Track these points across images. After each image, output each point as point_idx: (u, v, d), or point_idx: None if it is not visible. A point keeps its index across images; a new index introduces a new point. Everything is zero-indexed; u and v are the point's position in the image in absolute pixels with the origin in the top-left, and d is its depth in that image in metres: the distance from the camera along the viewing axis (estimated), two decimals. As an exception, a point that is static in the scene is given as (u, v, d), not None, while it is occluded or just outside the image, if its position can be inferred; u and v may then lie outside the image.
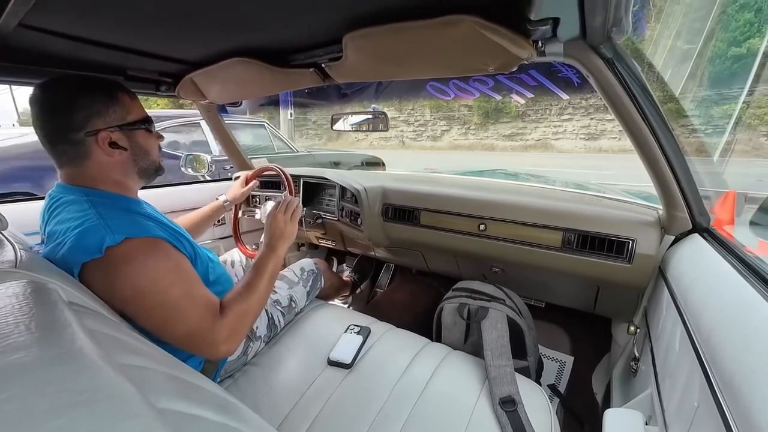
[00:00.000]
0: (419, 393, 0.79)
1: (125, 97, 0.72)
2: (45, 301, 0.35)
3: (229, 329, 0.71)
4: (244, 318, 0.75)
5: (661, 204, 0.91)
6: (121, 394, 0.25)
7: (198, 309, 0.68)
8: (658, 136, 0.75)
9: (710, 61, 11.37)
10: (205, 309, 0.70)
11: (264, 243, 0.89)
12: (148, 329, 0.65)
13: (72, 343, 0.29)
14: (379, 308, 1.69)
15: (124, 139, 0.71)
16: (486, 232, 1.18)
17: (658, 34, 12.28)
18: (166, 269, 0.67)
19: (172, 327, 0.66)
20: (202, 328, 0.68)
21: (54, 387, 0.23)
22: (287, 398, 0.80)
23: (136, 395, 0.25)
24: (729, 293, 0.57)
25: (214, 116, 1.54)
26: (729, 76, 11.32)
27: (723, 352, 0.47)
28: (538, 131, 17.61)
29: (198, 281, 0.72)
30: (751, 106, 10.25)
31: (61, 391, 0.23)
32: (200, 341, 0.68)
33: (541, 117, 17.63)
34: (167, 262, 0.68)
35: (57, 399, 0.22)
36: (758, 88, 9.71)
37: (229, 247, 1.59)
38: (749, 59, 10.67)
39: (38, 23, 0.67)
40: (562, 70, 9.63)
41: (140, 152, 0.75)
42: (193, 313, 0.68)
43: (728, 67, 11.68)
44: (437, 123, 20.20)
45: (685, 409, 0.53)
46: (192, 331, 0.67)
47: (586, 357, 1.38)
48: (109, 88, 0.71)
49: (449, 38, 0.63)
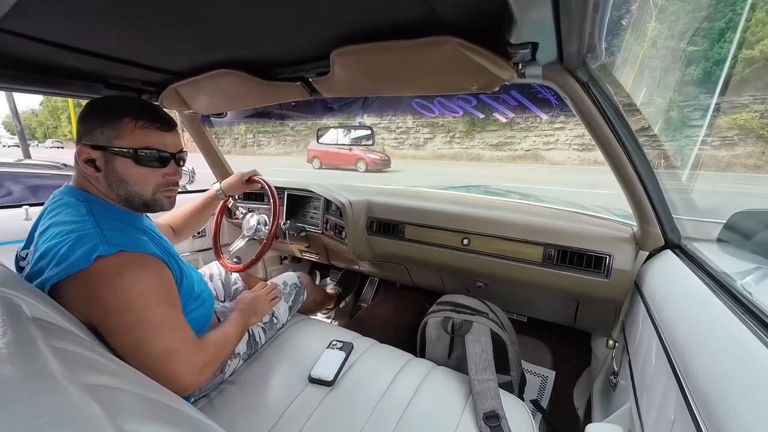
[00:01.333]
0: (402, 410, 0.77)
1: (129, 123, 0.69)
2: (8, 317, 0.33)
3: (207, 357, 0.72)
4: (220, 351, 0.78)
5: (635, 220, 0.94)
6: (86, 415, 0.23)
7: (182, 330, 0.69)
8: (630, 155, 0.79)
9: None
10: (189, 332, 0.71)
11: (237, 310, 0.94)
12: (119, 347, 0.62)
13: (34, 362, 0.27)
14: (363, 323, 1.67)
15: (102, 161, 0.69)
16: (469, 247, 1.19)
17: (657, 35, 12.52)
18: (156, 286, 0.66)
19: (149, 346, 0.63)
20: (183, 350, 0.67)
21: (10, 410, 0.22)
22: (265, 418, 0.77)
23: (101, 418, 0.24)
24: (700, 309, 0.59)
25: (197, 126, 1.51)
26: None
27: (696, 366, 0.48)
28: (527, 141, 16.44)
29: (179, 306, 0.72)
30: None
31: (17, 415, 0.21)
32: (178, 363, 0.66)
33: (531, 125, 16.38)
34: (159, 279, 0.67)
35: (11, 423, 0.21)
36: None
37: (209, 259, 1.55)
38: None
39: (17, 28, 0.66)
40: (541, 91, 10.05)
41: (115, 178, 0.70)
42: (177, 334, 0.68)
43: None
44: (420, 130, 19.31)
45: (662, 423, 0.54)
46: (171, 350, 0.65)
47: (568, 372, 1.40)
48: (117, 110, 0.70)
49: (434, 58, 0.65)
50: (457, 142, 18.45)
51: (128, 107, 0.71)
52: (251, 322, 0.95)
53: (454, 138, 18.55)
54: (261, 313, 0.99)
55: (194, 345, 0.70)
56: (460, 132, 18.30)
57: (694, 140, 11.14)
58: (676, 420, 0.49)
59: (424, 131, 19.35)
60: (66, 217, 0.65)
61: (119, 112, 0.70)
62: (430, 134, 19.25)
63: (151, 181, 0.73)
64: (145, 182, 0.72)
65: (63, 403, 0.24)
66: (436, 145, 19.03)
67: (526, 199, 1.49)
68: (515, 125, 16.75)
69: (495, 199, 1.53)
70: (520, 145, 16.74)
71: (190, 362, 0.68)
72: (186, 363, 0.67)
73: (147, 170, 0.72)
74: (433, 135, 19.17)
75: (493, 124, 17.31)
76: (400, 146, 19.68)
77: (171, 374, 0.65)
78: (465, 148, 18.13)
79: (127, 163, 0.70)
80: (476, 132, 17.84)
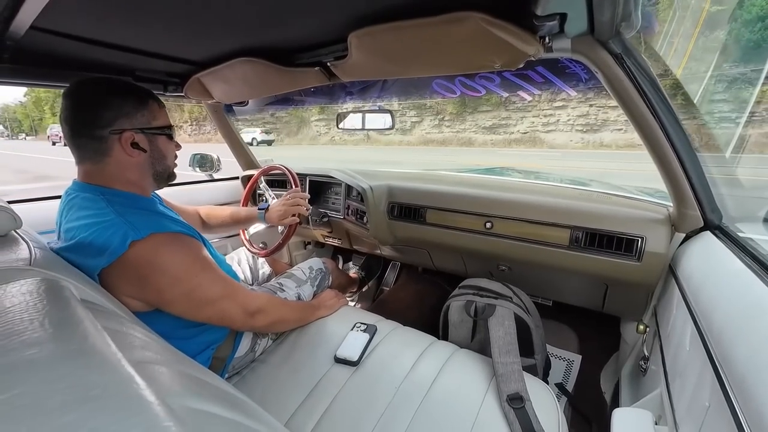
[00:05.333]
0: (426, 390, 0.79)
1: (155, 104, 0.77)
2: (58, 299, 0.36)
3: (260, 304, 0.85)
4: (276, 307, 0.92)
5: (671, 201, 0.89)
6: (132, 389, 0.25)
7: (230, 282, 0.81)
8: (668, 133, 0.74)
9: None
10: (237, 283, 0.83)
11: (316, 299, 1.11)
12: (181, 313, 0.73)
13: (84, 340, 0.30)
14: (386, 306, 1.69)
15: (146, 142, 0.75)
16: (492, 230, 1.17)
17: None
18: (195, 256, 0.74)
19: (207, 300, 0.74)
20: (237, 293, 0.80)
21: (66, 383, 0.24)
22: (294, 395, 0.81)
23: (146, 391, 0.25)
24: (741, 291, 0.56)
25: (221, 116, 1.55)
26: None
27: (735, 351, 0.46)
28: (525, 122, 14.69)
29: (219, 268, 0.81)
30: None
31: (72, 387, 0.24)
32: (232, 304, 0.79)
33: (528, 104, 14.60)
34: (194, 250, 0.75)
35: (68, 394, 0.23)
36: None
37: (236, 245, 1.61)
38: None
39: (49, 26, 0.68)
40: (570, 65, 9.41)
41: (158, 156, 0.79)
42: (227, 283, 0.79)
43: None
44: (407, 113, 17.44)
45: (695, 409, 0.53)
46: (227, 294, 0.78)
47: (595, 356, 1.37)
48: (142, 95, 0.76)
49: (455, 35, 0.62)
50: (447, 126, 16.74)
51: (143, 90, 0.77)
52: (314, 313, 1.04)
53: (443, 121, 16.81)
54: (329, 307, 1.08)
55: (246, 291, 0.84)
56: (450, 114, 16.46)
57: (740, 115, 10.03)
58: (711, 406, 0.48)
59: (410, 114, 17.51)
60: (88, 211, 0.68)
61: (142, 96, 0.75)
62: (418, 117, 17.45)
63: (173, 153, 0.84)
64: (172, 155, 0.83)
65: (113, 377, 0.26)
66: (425, 129, 17.33)
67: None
68: (510, 105, 14.89)
69: (518, 182, 1.48)
70: (516, 127, 14.90)
71: (245, 304, 0.81)
72: (241, 305, 0.80)
73: (172, 144, 0.83)
74: (421, 118, 17.37)
75: (485, 104, 15.48)
76: (385, 132, 18.20)
77: (229, 315, 0.79)
78: (456, 131, 16.45)
79: (164, 141, 0.79)
80: (467, 113, 16.08)
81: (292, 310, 0.98)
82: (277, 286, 1.09)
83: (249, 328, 0.87)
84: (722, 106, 10.45)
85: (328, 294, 1.13)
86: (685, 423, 0.56)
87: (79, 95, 0.71)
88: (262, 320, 0.85)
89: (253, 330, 0.91)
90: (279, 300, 0.99)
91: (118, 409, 0.23)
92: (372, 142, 18.43)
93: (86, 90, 0.71)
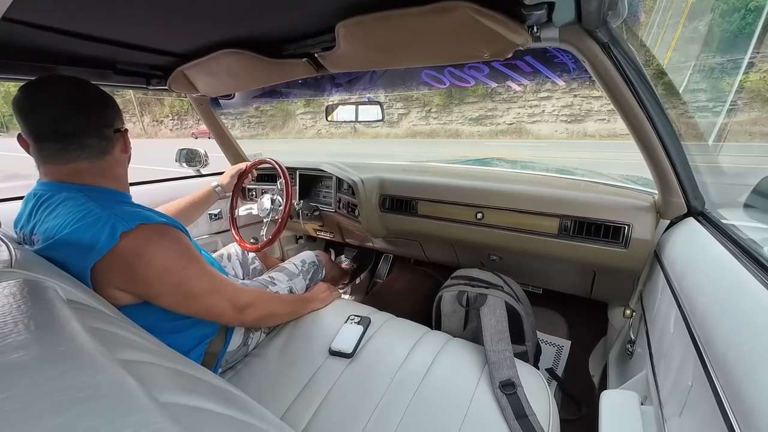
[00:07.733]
0: (420, 379, 0.80)
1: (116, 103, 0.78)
2: (43, 300, 0.35)
3: (250, 299, 0.85)
4: (266, 302, 0.91)
5: (656, 188, 0.91)
6: (123, 389, 0.25)
7: (219, 276, 0.80)
8: (654, 121, 0.75)
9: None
10: (226, 278, 0.83)
11: (308, 292, 1.11)
12: (169, 305, 0.72)
13: (72, 341, 0.29)
14: (379, 298, 1.70)
15: (125, 141, 0.77)
16: (483, 221, 1.18)
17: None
18: (184, 248, 0.73)
19: (195, 293, 0.74)
20: (226, 288, 0.80)
21: (54, 385, 0.23)
22: (290, 389, 0.81)
23: (138, 390, 0.25)
24: (723, 275, 0.57)
25: (206, 109, 1.52)
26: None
27: (717, 333, 0.47)
28: (510, 113, 14.76)
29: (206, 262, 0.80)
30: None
31: (61, 389, 0.23)
32: (222, 299, 0.79)
33: (514, 95, 14.66)
34: (182, 242, 0.74)
35: (58, 397, 0.22)
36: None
37: (227, 241, 1.59)
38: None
39: (23, 17, 0.66)
40: (558, 55, 9.43)
41: (130, 152, 0.80)
42: (216, 277, 0.79)
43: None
44: (393, 105, 17.26)
45: (679, 389, 0.55)
46: (215, 288, 0.77)
47: (583, 341, 1.41)
48: (104, 93, 0.75)
49: (443, 25, 0.62)
50: (434, 117, 16.67)
51: (101, 90, 0.75)
52: (306, 306, 1.04)
53: (430, 113, 16.78)
54: (322, 299, 1.08)
55: (235, 286, 0.83)
56: (437, 106, 16.42)
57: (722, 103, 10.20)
58: (693, 385, 0.49)
59: (397, 106, 17.37)
60: (67, 209, 0.66)
61: (106, 96, 0.74)
62: (405, 109, 17.36)
63: None
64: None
65: (102, 377, 0.26)
66: (412, 121, 17.19)
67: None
68: (496, 95, 14.92)
69: (508, 172, 1.50)
70: (502, 118, 14.97)
71: (234, 299, 0.81)
72: (229, 300, 0.80)
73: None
74: (408, 110, 17.29)
75: (472, 95, 15.48)
76: (372, 124, 18.08)
77: (217, 309, 0.78)
78: (443, 123, 16.34)
79: (126, 137, 0.79)
80: (454, 105, 16.08)
81: (283, 303, 0.97)
82: (268, 280, 1.09)
83: (239, 323, 0.87)
84: (703, 95, 10.63)
85: (320, 287, 1.12)
86: (670, 402, 0.58)
87: (82, 93, 0.70)
88: (252, 315, 0.85)
89: (243, 325, 0.90)
90: (269, 294, 0.98)
91: (110, 409, 0.23)
92: (359, 135, 18.21)
93: (88, 89, 0.71)
